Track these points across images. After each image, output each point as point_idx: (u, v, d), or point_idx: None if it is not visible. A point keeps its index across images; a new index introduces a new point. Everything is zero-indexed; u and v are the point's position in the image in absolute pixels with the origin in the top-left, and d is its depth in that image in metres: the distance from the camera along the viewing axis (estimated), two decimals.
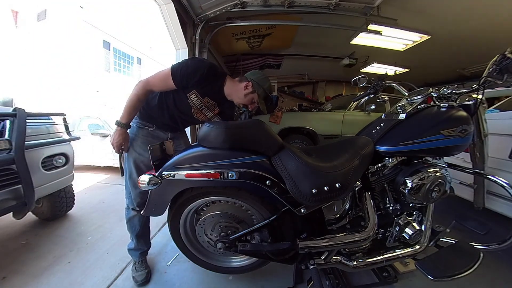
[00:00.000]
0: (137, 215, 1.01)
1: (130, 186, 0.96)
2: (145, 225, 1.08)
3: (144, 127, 0.97)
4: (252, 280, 1.03)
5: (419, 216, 0.87)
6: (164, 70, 0.87)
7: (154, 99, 0.94)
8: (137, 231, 1.05)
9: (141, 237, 1.07)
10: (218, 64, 2.50)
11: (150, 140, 0.96)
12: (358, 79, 1.13)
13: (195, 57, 0.89)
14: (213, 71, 0.88)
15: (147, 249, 1.12)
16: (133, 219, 1.03)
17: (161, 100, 0.94)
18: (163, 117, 0.95)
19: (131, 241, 1.09)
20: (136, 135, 0.96)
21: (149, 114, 0.96)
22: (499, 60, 0.72)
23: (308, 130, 2.95)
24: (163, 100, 0.94)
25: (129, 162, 0.95)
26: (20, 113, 1.12)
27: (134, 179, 0.91)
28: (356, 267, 0.79)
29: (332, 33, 3.22)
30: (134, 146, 0.95)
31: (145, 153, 0.93)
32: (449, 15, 2.67)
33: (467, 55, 3.81)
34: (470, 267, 0.73)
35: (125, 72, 9.25)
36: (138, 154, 0.94)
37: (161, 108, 0.94)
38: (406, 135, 0.78)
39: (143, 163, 0.94)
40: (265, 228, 0.79)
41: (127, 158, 0.96)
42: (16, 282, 1.04)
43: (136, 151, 0.94)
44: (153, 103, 0.94)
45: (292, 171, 0.68)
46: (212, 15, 2.30)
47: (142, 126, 0.97)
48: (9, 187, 1.07)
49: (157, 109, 0.94)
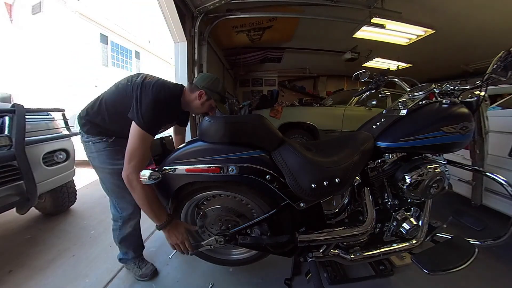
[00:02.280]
0: (130, 226, 0.98)
1: (116, 199, 0.93)
2: (139, 234, 1.05)
3: (102, 141, 0.88)
4: (252, 272, 1.06)
5: (417, 212, 0.88)
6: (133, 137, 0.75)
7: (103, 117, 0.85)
8: (134, 244, 1.03)
9: (137, 246, 1.06)
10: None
11: (118, 149, 0.88)
12: (360, 74, 1.11)
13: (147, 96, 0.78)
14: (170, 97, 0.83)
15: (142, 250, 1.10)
16: (124, 229, 0.97)
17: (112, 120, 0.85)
18: (121, 129, 0.85)
19: (124, 252, 1.04)
20: (98, 150, 0.88)
21: (104, 130, 0.88)
22: (504, 57, 0.70)
23: (308, 125, 2.94)
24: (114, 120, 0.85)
25: (108, 179, 0.89)
26: (19, 109, 1.11)
27: (120, 190, 0.87)
28: (353, 260, 0.81)
29: (334, 26, 3.15)
30: (103, 161, 0.88)
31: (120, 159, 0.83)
32: (455, 8, 2.60)
33: (471, 51, 3.74)
34: (465, 261, 0.75)
35: (124, 66, 9.11)
36: (113, 165, 0.87)
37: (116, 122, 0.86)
38: (407, 131, 0.78)
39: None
40: (265, 221, 0.80)
41: (102, 176, 0.90)
42: (22, 275, 1.07)
43: (107, 164, 0.88)
44: (108, 120, 0.86)
45: (292, 166, 0.68)
46: (211, 6, 2.24)
47: (99, 140, 0.88)
48: (11, 183, 1.08)
49: (112, 123, 0.86)
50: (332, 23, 2.95)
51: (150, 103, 0.77)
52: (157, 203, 0.78)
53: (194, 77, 1.25)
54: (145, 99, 0.77)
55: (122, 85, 0.86)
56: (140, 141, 0.75)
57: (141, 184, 0.72)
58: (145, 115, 0.75)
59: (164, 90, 0.82)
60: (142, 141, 0.75)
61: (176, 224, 0.81)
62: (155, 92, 0.79)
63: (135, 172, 0.72)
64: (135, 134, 0.75)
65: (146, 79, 0.84)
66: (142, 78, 0.84)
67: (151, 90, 0.79)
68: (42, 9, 6.96)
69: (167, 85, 0.86)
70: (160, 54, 11.19)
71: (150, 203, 0.76)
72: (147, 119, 0.75)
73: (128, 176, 0.73)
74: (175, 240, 0.80)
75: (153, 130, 0.78)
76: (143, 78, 0.84)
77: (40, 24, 6.92)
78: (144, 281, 1.02)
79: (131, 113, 0.77)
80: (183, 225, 0.84)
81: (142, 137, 0.75)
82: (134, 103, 0.77)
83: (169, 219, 0.79)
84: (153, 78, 0.86)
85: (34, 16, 7.08)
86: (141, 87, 0.80)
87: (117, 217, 0.98)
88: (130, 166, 0.73)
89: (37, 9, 7.03)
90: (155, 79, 0.86)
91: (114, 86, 0.88)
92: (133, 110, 0.77)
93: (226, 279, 1.04)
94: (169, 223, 0.79)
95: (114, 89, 0.87)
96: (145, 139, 0.75)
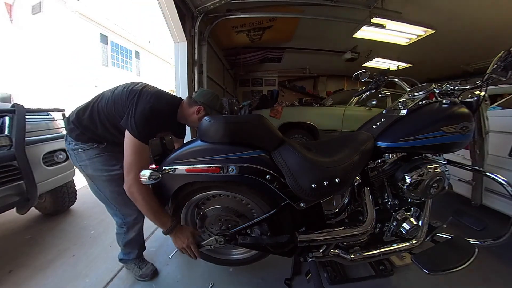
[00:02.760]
0: (135, 230, 0.97)
1: (118, 206, 0.90)
2: (142, 235, 1.05)
3: (92, 147, 0.84)
4: (252, 272, 1.06)
5: (417, 212, 0.88)
6: (128, 148, 0.74)
7: (95, 123, 0.82)
8: (137, 246, 1.03)
9: (140, 247, 1.06)
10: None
11: (112, 155, 0.85)
12: (360, 74, 1.11)
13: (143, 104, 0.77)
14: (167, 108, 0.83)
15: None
16: (129, 234, 0.97)
17: (104, 126, 0.82)
18: (113, 137, 0.84)
19: (127, 253, 1.03)
20: (90, 157, 0.84)
21: (95, 136, 0.84)
22: (504, 57, 0.70)
23: (308, 125, 2.94)
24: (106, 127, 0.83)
25: (106, 187, 0.86)
26: (19, 109, 1.11)
27: (122, 197, 0.82)
28: (353, 260, 0.81)
29: (334, 26, 3.15)
30: (97, 169, 0.84)
31: (116, 164, 0.83)
32: (455, 8, 2.60)
33: (471, 51, 3.74)
34: (465, 261, 0.75)
35: (124, 66, 9.11)
36: (109, 172, 0.84)
37: (108, 130, 0.84)
38: (407, 131, 0.78)
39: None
40: (265, 221, 0.80)
41: (99, 185, 0.86)
42: (22, 275, 1.07)
43: (103, 171, 0.84)
44: (100, 127, 0.83)
45: (292, 166, 0.68)
46: (211, 6, 2.24)
47: (89, 147, 0.84)
48: (11, 183, 1.08)
49: (104, 131, 0.83)
50: (332, 23, 2.95)
51: (146, 112, 0.75)
52: (161, 210, 0.80)
53: (194, 91, 1.23)
54: (141, 107, 0.76)
55: (118, 92, 0.83)
56: (135, 153, 0.74)
57: (143, 194, 0.74)
58: (139, 124, 0.74)
59: (161, 101, 0.81)
60: (137, 152, 0.74)
61: (181, 228, 0.83)
62: (152, 102, 0.78)
63: (136, 184, 0.73)
64: (130, 145, 0.74)
65: (145, 88, 0.83)
66: (141, 86, 0.83)
67: (148, 99, 0.78)
68: (42, 9, 6.96)
69: (165, 96, 0.85)
70: (160, 54, 11.20)
71: (154, 211, 0.77)
72: (141, 128, 0.74)
73: (129, 188, 0.74)
74: (181, 244, 0.81)
75: (147, 140, 0.77)
76: (142, 87, 0.83)
77: (40, 24, 6.92)
78: (144, 281, 1.02)
79: (125, 121, 0.75)
80: (189, 229, 0.85)
81: (137, 148, 0.74)
82: (129, 110, 0.76)
83: (175, 224, 0.81)
84: (152, 88, 0.85)
85: (34, 16, 7.08)
86: (139, 95, 0.78)
87: (121, 224, 0.96)
88: (130, 179, 0.74)
89: (37, 9, 7.04)
90: (154, 89, 0.85)
91: (110, 92, 0.85)
92: (127, 117, 0.75)
93: (226, 279, 1.04)
94: (175, 228, 0.80)
95: (110, 95, 0.83)
96: (140, 150, 0.75)
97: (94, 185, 0.89)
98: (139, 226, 1.00)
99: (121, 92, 0.82)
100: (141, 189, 0.74)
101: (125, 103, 0.79)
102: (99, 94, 0.88)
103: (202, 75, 2.54)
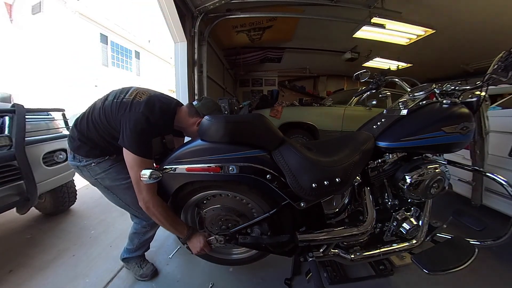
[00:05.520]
0: (154, 229, 1.01)
1: (140, 210, 0.84)
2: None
3: (104, 160, 0.85)
4: (252, 271, 1.06)
5: (417, 212, 0.88)
6: (132, 167, 0.73)
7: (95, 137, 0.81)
8: (147, 245, 1.07)
9: (148, 247, 1.09)
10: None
11: (122, 164, 0.80)
12: (360, 74, 1.11)
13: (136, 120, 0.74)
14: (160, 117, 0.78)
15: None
16: (150, 232, 1.01)
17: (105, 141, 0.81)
18: (116, 149, 0.82)
19: (137, 250, 1.04)
20: (105, 169, 0.84)
21: (103, 149, 0.84)
22: (505, 57, 0.70)
23: (308, 125, 2.94)
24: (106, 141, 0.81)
25: (126, 193, 0.86)
26: (19, 109, 1.11)
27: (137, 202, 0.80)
28: (353, 260, 0.81)
29: (334, 26, 3.15)
30: (115, 178, 0.85)
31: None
32: (455, 8, 2.60)
33: (471, 51, 3.74)
34: (464, 262, 0.75)
35: (124, 66, 9.11)
36: (127, 179, 0.82)
37: (108, 143, 0.83)
38: (407, 131, 0.78)
39: None
40: (265, 221, 0.80)
41: (119, 194, 0.87)
42: (22, 275, 1.07)
43: (121, 180, 0.85)
44: (101, 142, 0.82)
45: (292, 166, 0.68)
46: (211, 6, 2.24)
47: (102, 160, 0.84)
48: (11, 183, 1.08)
49: (106, 144, 0.83)
50: (332, 23, 2.95)
51: (138, 130, 0.72)
52: (177, 220, 0.83)
53: (196, 99, 1.20)
54: (133, 124, 0.72)
55: (108, 103, 0.79)
56: (141, 169, 0.70)
57: (160, 209, 0.76)
58: (134, 142, 0.72)
59: (155, 110, 0.77)
60: (142, 168, 0.72)
61: (196, 235, 0.85)
62: (145, 114, 0.74)
63: (151, 200, 0.75)
64: (133, 164, 0.73)
65: (136, 97, 0.78)
66: (131, 96, 0.78)
67: (140, 112, 0.74)
68: (42, 9, 6.96)
69: (158, 102, 0.80)
70: (160, 54, 11.19)
71: (171, 222, 0.80)
72: (138, 145, 0.73)
73: (145, 205, 0.76)
74: (198, 248, 0.84)
75: (149, 154, 0.76)
76: (133, 96, 0.79)
77: (40, 24, 6.92)
78: (144, 281, 1.02)
79: (121, 140, 0.74)
80: (202, 234, 0.87)
81: (141, 164, 0.72)
82: (123, 127, 0.73)
83: (191, 232, 0.84)
84: (142, 96, 0.79)
85: (34, 16, 7.08)
86: (130, 108, 0.75)
87: (145, 225, 0.97)
88: (144, 196, 0.75)
89: (37, 9, 7.04)
90: (145, 97, 0.79)
91: (100, 102, 0.81)
92: (122, 136, 0.74)
93: (226, 279, 1.04)
94: (192, 235, 0.84)
95: (100, 106, 0.80)
96: (144, 165, 0.73)
97: (114, 195, 0.89)
98: (158, 225, 1.00)
99: (111, 104, 0.78)
100: (157, 203, 0.76)
101: (116, 117, 0.76)
102: (91, 104, 0.85)
103: (202, 75, 2.54)
